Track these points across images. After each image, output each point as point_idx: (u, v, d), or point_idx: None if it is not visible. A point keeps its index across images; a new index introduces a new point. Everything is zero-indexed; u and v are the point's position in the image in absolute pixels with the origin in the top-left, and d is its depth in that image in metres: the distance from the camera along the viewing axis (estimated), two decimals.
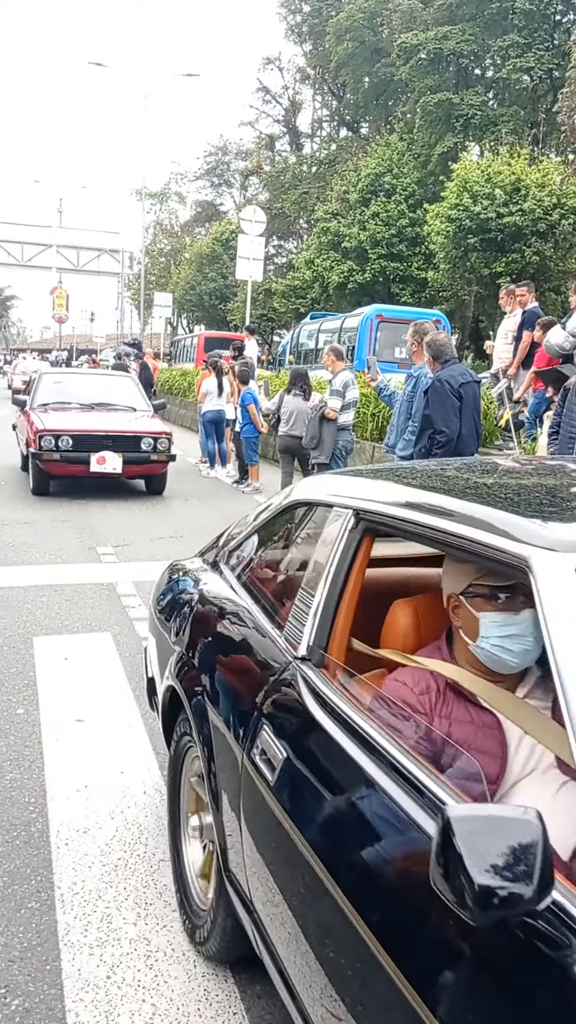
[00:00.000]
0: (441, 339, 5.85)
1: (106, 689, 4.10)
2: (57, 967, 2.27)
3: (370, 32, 32.80)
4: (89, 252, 43.54)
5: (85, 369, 14.35)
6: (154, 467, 9.71)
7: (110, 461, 9.21)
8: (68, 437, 9.09)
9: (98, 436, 9.27)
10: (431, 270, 22.28)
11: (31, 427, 9.31)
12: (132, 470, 9.56)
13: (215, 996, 2.19)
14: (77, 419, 9.70)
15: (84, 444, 9.17)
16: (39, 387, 10.60)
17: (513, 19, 26.53)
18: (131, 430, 9.58)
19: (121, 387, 11.14)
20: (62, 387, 10.70)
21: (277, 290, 30.24)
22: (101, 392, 10.78)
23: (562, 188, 18.36)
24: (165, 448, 9.57)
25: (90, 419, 9.75)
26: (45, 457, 9.02)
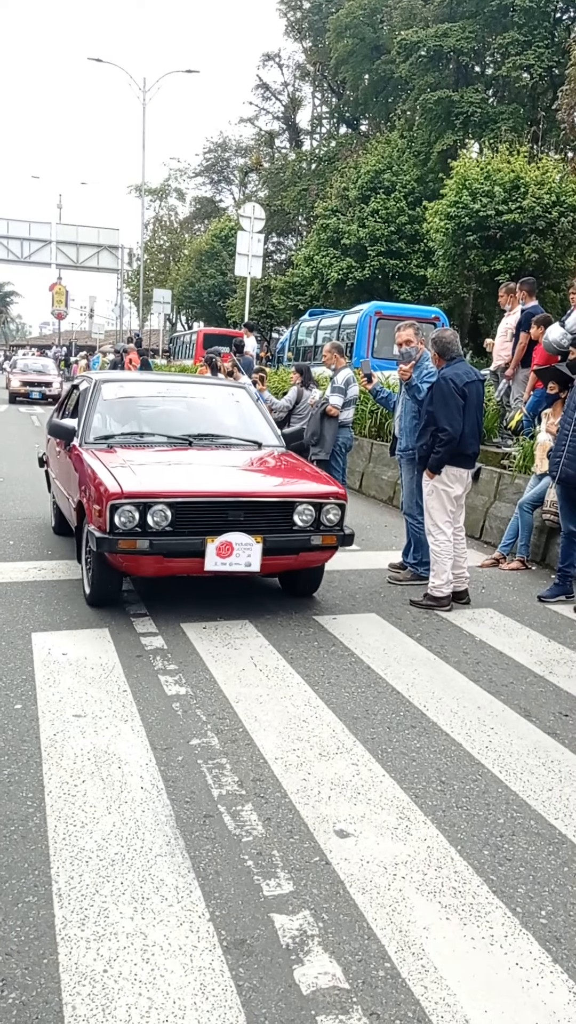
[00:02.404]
0: (447, 336, 5.82)
1: (104, 684, 4.11)
2: (54, 961, 2.28)
3: (370, 29, 32.75)
4: (88, 248, 43.39)
5: (162, 376, 9.74)
6: (314, 557, 5.39)
7: (241, 551, 5.01)
8: (166, 507, 4.91)
9: (219, 504, 5.06)
10: (430, 267, 22.27)
11: (96, 487, 5.07)
12: (277, 563, 5.31)
13: (211, 990, 2.20)
14: (177, 472, 5.48)
15: (195, 519, 5.01)
16: (95, 404, 6.19)
17: (513, 16, 26.50)
18: (276, 491, 5.37)
19: (231, 405, 6.75)
20: (133, 406, 6.43)
21: (276, 287, 30.23)
22: (199, 415, 6.51)
23: (561, 186, 18.37)
24: (336, 522, 5.33)
25: (198, 470, 5.55)
26: (124, 546, 4.85)
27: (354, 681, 4.34)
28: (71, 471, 5.86)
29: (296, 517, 5.21)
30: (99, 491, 4.95)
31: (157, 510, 4.86)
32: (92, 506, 5.06)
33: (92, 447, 5.73)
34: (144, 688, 4.09)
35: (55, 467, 6.94)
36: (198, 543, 4.92)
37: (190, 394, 6.84)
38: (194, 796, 3.13)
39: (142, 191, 39.75)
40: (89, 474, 5.24)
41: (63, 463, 6.33)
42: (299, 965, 2.30)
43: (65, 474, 6.22)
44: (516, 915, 2.56)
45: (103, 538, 4.82)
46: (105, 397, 6.26)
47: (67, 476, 6.09)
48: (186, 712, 3.83)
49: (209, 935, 2.40)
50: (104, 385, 6.39)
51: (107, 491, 4.86)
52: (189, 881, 2.63)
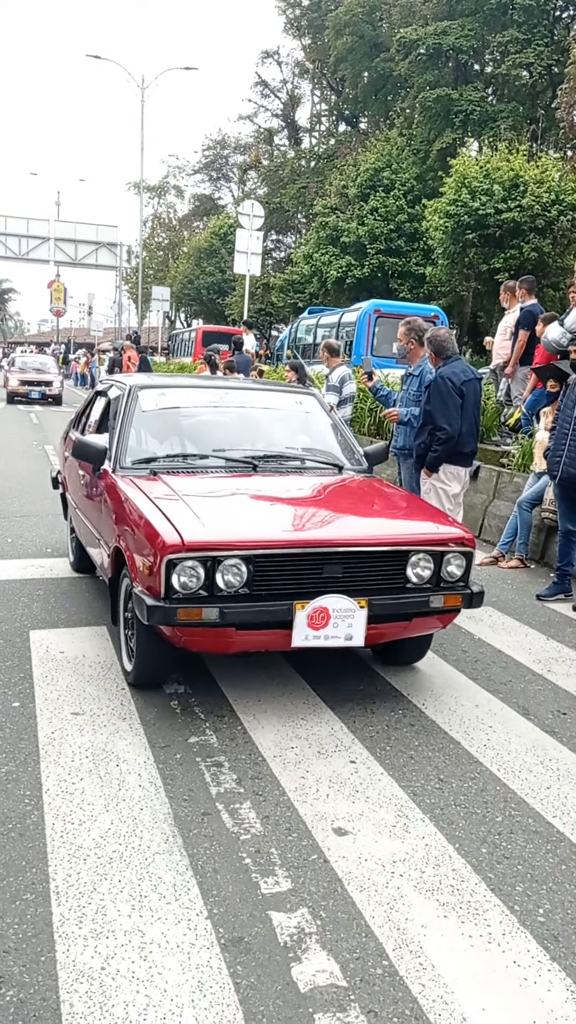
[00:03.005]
0: (442, 335, 5.82)
1: (102, 682, 4.11)
2: (52, 958, 2.28)
3: (369, 27, 32.72)
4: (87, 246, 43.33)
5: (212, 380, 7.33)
6: (431, 623, 4.11)
7: (339, 619, 3.71)
8: (241, 562, 3.62)
9: (312, 556, 3.77)
10: (429, 266, 22.28)
11: (144, 534, 3.78)
12: (384, 632, 4.00)
13: (209, 988, 2.20)
14: (249, 510, 4.16)
15: (281, 578, 3.73)
16: (131, 417, 4.83)
17: (512, 14, 26.48)
18: (383, 536, 4.01)
19: (299, 416, 5.36)
20: (179, 419, 5.07)
21: (275, 285, 30.24)
22: (262, 430, 5.14)
23: (560, 184, 18.38)
24: (459, 575, 4.02)
25: (276, 508, 4.22)
26: (185, 616, 3.56)
27: (352, 679, 4.34)
28: (103, 505, 4.51)
29: (410, 571, 3.88)
30: (149, 540, 3.64)
31: (230, 567, 3.56)
32: (138, 559, 3.74)
33: (131, 474, 4.39)
34: (141, 686, 4.09)
35: (77, 494, 5.53)
36: (284, 610, 3.61)
37: (248, 403, 5.39)
38: (192, 794, 3.13)
39: (140, 188, 39.73)
40: (132, 514, 3.93)
41: (89, 491, 5.00)
42: (297, 963, 2.30)
43: (94, 508, 4.83)
44: (514, 913, 2.56)
45: (156, 607, 3.50)
46: (144, 408, 4.86)
47: (96, 511, 4.73)
48: (184, 710, 3.83)
49: (207, 933, 2.40)
50: (142, 393, 4.97)
51: (162, 542, 3.53)
52: (187, 879, 2.63)
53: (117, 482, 4.34)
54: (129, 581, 3.91)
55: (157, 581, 3.54)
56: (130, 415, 4.83)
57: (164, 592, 3.53)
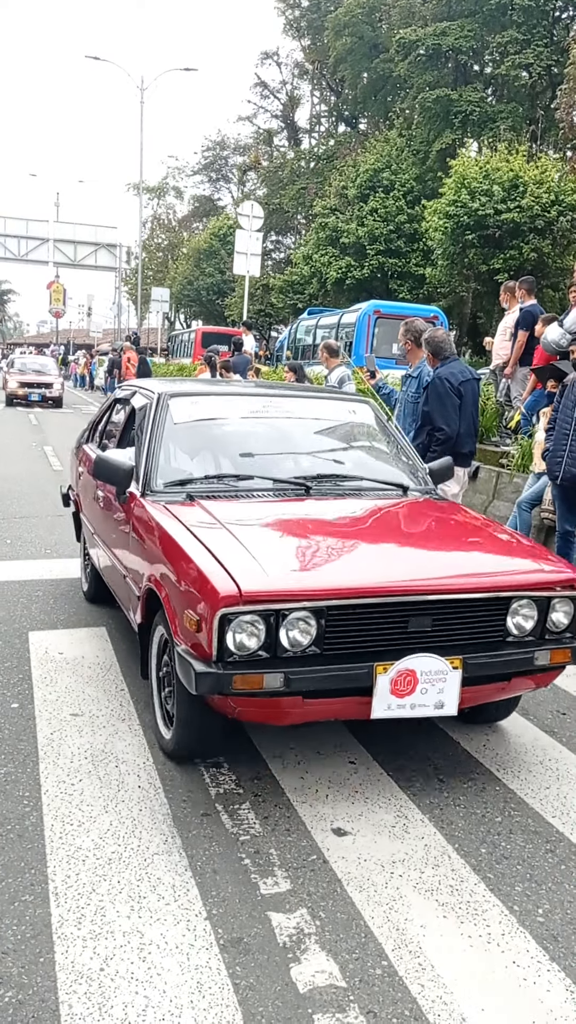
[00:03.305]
0: (440, 336, 5.82)
1: (101, 683, 4.11)
2: (51, 959, 2.28)
3: (368, 27, 32.75)
4: (86, 247, 43.38)
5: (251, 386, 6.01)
6: (533, 682, 3.43)
7: (429, 683, 3.03)
8: (311, 616, 2.95)
9: (397, 606, 3.06)
10: (429, 266, 22.30)
11: (191, 579, 3.07)
12: (480, 696, 3.34)
13: (208, 988, 2.20)
14: (312, 547, 3.40)
15: (359, 634, 3.06)
16: (163, 431, 4.13)
17: (512, 15, 26.51)
18: (477, 580, 3.27)
19: (353, 427, 4.70)
20: (217, 433, 4.37)
21: (275, 285, 30.26)
22: (313, 444, 4.49)
23: (560, 185, 18.39)
24: (568, 623, 3.35)
25: (344, 544, 3.49)
26: (244, 685, 2.88)
27: None
28: (130, 536, 3.86)
29: (510, 621, 3.22)
30: (197, 588, 2.98)
31: (298, 621, 2.91)
32: (180, 609, 3.08)
33: (163, 499, 3.71)
34: (142, 687, 4.08)
35: (95, 518, 4.86)
36: (363, 674, 2.94)
37: (295, 413, 4.60)
38: (191, 795, 3.13)
39: (140, 189, 39.74)
40: (170, 551, 3.27)
41: (111, 518, 4.30)
42: (296, 963, 2.30)
43: (118, 537, 4.14)
44: (513, 913, 2.56)
45: (207, 673, 2.83)
46: (176, 420, 4.15)
47: (121, 541, 4.07)
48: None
49: (206, 933, 2.40)
50: (174, 402, 4.23)
51: (213, 591, 2.87)
52: (186, 880, 2.63)
53: (148, 509, 3.65)
54: (166, 632, 3.25)
55: (207, 640, 2.86)
56: (160, 428, 4.07)
57: (216, 654, 2.86)
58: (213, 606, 2.85)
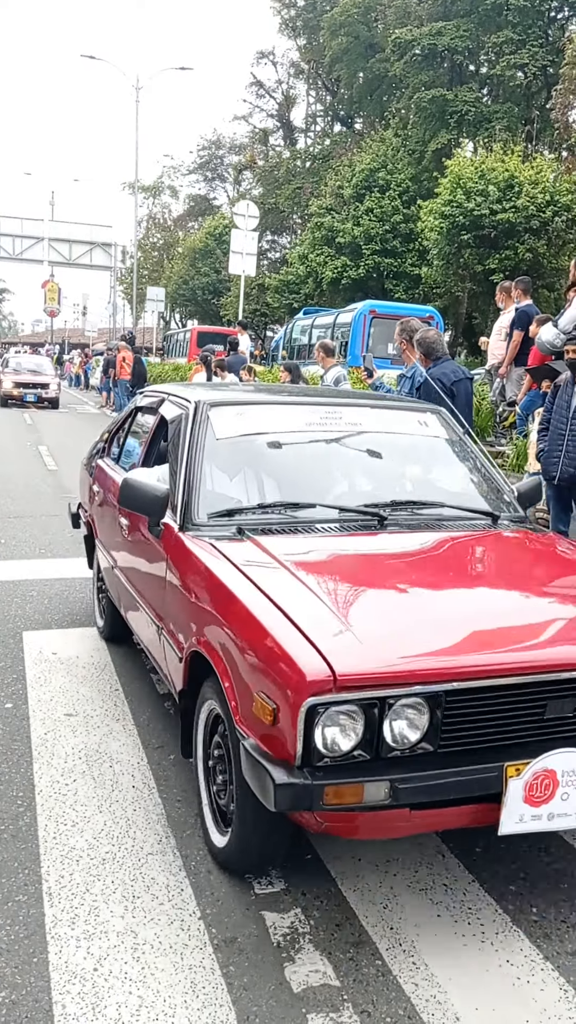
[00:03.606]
0: (431, 336, 5.83)
1: (96, 683, 4.10)
2: (44, 960, 2.27)
3: (364, 27, 32.73)
4: (81, 246, 43.34)
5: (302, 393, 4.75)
6: None
7: (573, 787, 2.33)
8: (423, 703, 2.27)
9: (532, 687, 2.36)
10: (425, 266, 22.30)
11: (262, 653, 2.36)
12: None
13: (202, 988, 2.20)
14: (410, 606, 2.70)
15: (482, 726, 2.37)
16: (203, 449, 3.39)
17: (507, 15, 26.53)
18: None
19: (425, 441, 3.91)
20: (267, 450, 3.63)
21: (270, 285, 30.22)
22: (382, 463, 3.79)
23: (555, 185, 18.41)
24: None
25: (443, 598, 2.81)
26: (338, 798, 2.18)
27: None
28: (166, 578, 3.16)
29: None
30: (272, 666, 2.30)
31: (405, 710, 2.26)
32: (244, 690, 2.42)
33: (208, 534, 3.05)
34: (136, 687, 4.09)
35: (114, 547, 4.19)
36: (490, 778, 2.30)
37: (356, 425, 3.77)
38: (186, 795, 3.13)
39: (135, 188, 39.71)
40: (229, 608, 2.59)
41: (140, 553, 3.63)
42: (290, 963, 2.30)
43: (150, 580, 3.43)
44: (507, 912, 2.57)
45: (290, 785, 2.16)
46: (220, 434, 3.44)
47: (152, 583, 3.38)
48: (178, 711, 3.82)
49: (200, 933, 2.40)
50: (215, 413, 3.52)
51: (298, 674, 2.20)
52: (180, 880, 2.63)
53: (192, 548, 2.97)
54: (221, 710, 2.59)
55: (288, 738, 2.17)
56: (200, 445, 3.36)
57: (301, 756, 2.17)
58: (298, 694, 2.15)
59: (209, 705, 2.76)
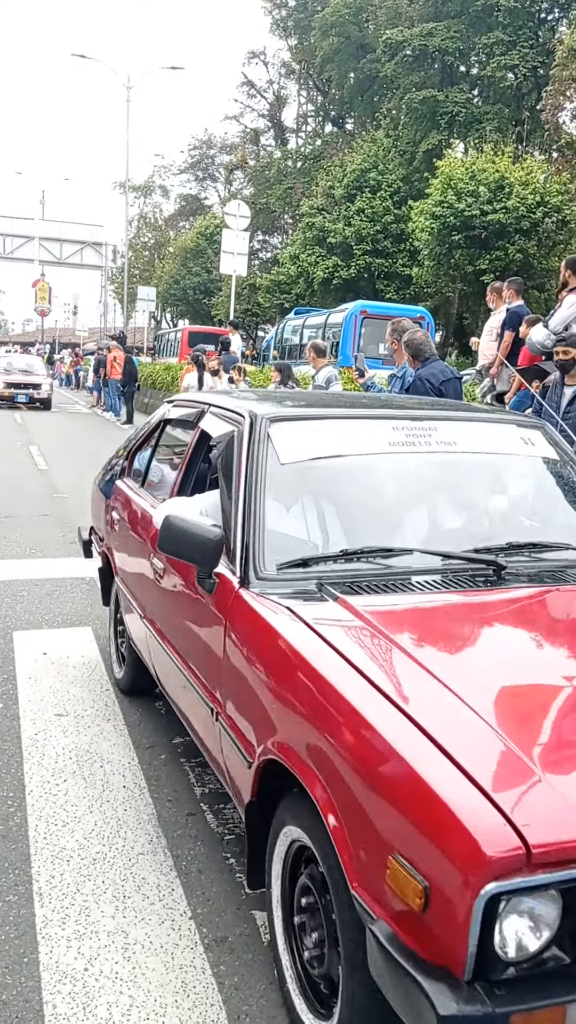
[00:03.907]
0: (419, 337, 5.85)
1: (86, 683, 4.10)
2: (35, 960, 2.27)
3: (355, 28, 32.79)
4: (72, 245, 43.24)
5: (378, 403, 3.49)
6: None
7: None
8: None
9: None
10: (416, 267, 22.37)
11: (406, 802, 1.56)
12: None
13: (193, 988, 2.20)
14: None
15: None
16: (262, 473, 2.63)
17: (498, 16, 26.63)
18: None
19: (531, 463, 3.09)
20: (340, 474, 2.87)
21: (262, 285, 30.25)
22: (485, 492, 3.08)
23: (545, 186, 18.50)
24: None
25: None
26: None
27: None
28: (225, 649, 2.42)
29: None
30: (424, 825, 1.52)
31: None
32: (378, 854, 1.61)
33: (283, 591, 2.36)
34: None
35: (143, 592, 3.42)
36: None
37: (451, 442, 2.97)
38: (176, 795, 3.13)
39: (126, 188, 39.64)
40: (335, 707, 1.85)
41: (183, 608, 2.88)
42: None
43: (198, 644, 2.70)
44: None
45: (462, 1019, 1.40)
46: (286, 457, 2.71)
47: (202, 649, 2.65)
48: (168, 711, 3.82)
49: (191, 933, 2.40)
50: (278, 430, 2.76)
51: (470, 845, 1.44)
52: (171, 879, 2.63)
53: (259, 612, 2.28)
54: (318, 857, 1.87)
55: (452, 934, 1.46)
56: (261, 472, 2.61)
57: (474, 965, 1.46)
58: (473, 875, 1.42)
59: (290, 833, 2.02)
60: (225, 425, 2.94)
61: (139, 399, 20.56)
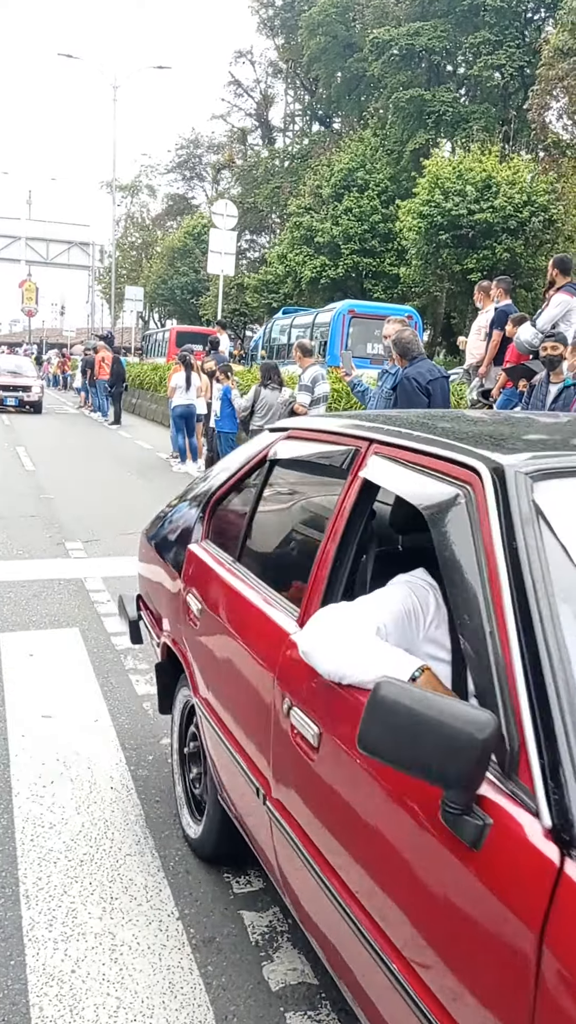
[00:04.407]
0: (407, 336, 5.87)
1: (73, 684, 4.08)
2: (21, 962, 2.26)
3: (342, 27, 32.82)
4: (59, 245, 43.17)
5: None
6: None
7: None
8: None
9: None
10: (403, 266, 22.41)
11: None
12: None
13: (180, 988, 2.19)
14: None
15: None
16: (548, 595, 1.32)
17: (484, 16, 26.71)
18: None
19: None
20: None
21: (249, 285, 30.24)
22: None
23: (532, 186, 18.55)
24: None
25: None
26: None
27: None
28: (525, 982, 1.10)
29: None
30: None
31: None
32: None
33: None
34: (114, 688, 4.07)
35: (263, 756, 2.07)
36: None
37: None
38: (163, 795, 3.12)
39: (113, 187, 39.54)
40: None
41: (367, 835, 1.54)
42: (268, 961, 2.31)
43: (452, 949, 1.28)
44: None
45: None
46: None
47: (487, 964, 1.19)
48: (156, 712, 3.81)
49: (178, 934, 2.40)
50: (547, 495, 1.49)
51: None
52: (159, 880, 2.63)
53: None
54: None
55: None
56: (542, 582, 1.35)
57: None
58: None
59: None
60: (425, 483, 1.72)
61: (127, 399, 20.51)
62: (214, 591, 2.56)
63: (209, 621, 2.53)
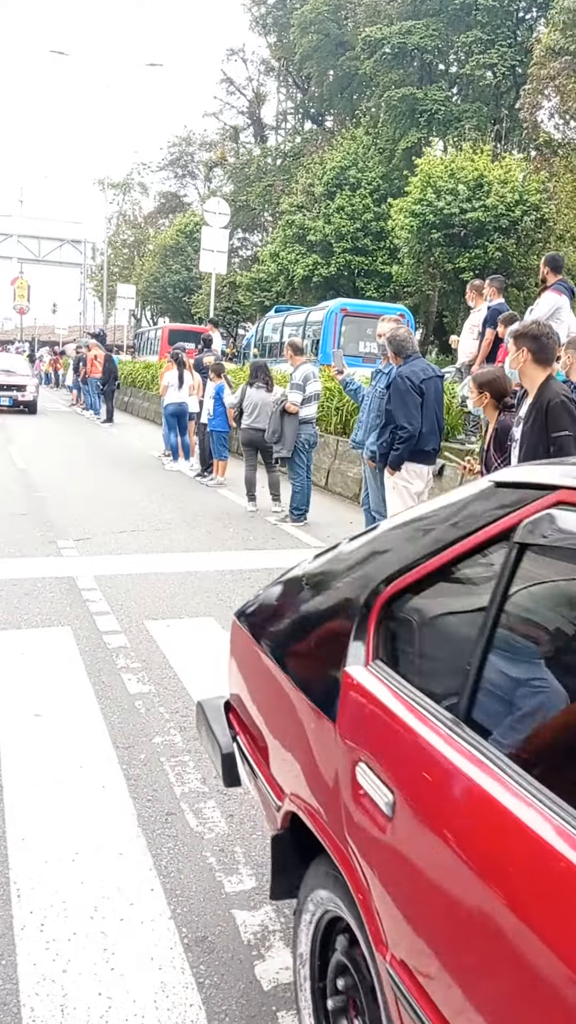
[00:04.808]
0: (402, 334, 5.88)
1: (65, 683, 4.07)
2: (12, 962, 2.25)
3: (334, 25, 32.79)
4: (51, 242, 43.09)
5: None
6: None
7: None
8: None
9: None
10: (395, 264, 22.42)
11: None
12: None
13: (172, 988, 2.19)
14: None
15: None
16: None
17: (476, 15, 26.73)
18: None
19: None
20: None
21: (242, 283, 30.17)
22: None
23: (524, 185, 18.57)
24: None
25: None
26: None
27: None
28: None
29: None
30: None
31: None
32: None
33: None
34: (106, 686, 4.06)
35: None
36: None
37: None
38: (156, 794, 3.11)
39: (104, 185, 39.45)
40: None
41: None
42: (260, 961, 2.30)
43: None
44: None
45: None
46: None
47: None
48: (149, 710, 3.81)
49: (170, 933, 2.39)
50: None
51: None
52: (151, 879, 2.62)
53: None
54: None
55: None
56: None
57: None
58: None
59: None
60: None
61: (119, 397, 20.46)
62: (422, 776, 1.40)
63: (413, 829, 1.39)
